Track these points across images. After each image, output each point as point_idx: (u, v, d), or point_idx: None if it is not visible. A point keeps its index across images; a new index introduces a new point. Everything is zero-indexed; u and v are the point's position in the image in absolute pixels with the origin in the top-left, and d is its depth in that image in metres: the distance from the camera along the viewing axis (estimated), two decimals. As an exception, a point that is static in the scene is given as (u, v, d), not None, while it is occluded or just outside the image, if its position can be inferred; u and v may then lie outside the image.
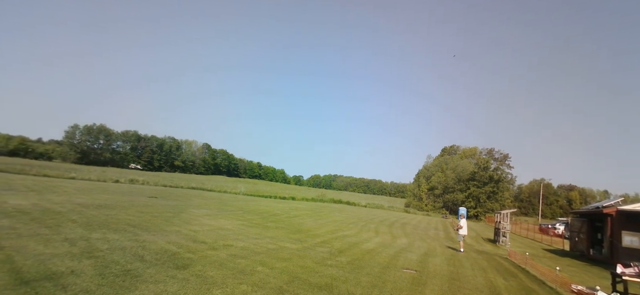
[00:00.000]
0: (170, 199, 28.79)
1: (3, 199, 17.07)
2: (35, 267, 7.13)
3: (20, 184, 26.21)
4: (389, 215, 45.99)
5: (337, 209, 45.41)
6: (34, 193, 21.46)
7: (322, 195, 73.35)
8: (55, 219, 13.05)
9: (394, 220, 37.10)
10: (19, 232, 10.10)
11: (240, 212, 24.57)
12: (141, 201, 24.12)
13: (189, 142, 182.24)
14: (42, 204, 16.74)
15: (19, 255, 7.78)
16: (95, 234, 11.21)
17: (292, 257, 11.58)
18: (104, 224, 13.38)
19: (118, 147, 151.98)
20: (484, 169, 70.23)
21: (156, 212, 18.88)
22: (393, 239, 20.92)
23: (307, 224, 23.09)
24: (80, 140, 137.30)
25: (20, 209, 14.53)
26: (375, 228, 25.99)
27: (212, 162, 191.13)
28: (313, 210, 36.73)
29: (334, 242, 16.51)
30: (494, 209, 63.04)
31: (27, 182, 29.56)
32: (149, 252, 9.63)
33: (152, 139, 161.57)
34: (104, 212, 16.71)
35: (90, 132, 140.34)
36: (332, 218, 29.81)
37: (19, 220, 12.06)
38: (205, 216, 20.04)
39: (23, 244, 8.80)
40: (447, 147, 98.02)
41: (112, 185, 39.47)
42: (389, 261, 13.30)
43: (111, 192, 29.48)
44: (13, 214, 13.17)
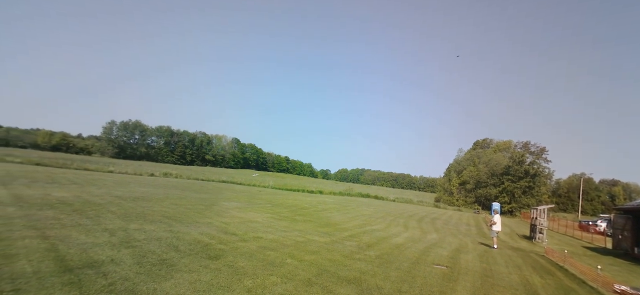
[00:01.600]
0: (202, 192, 29.60)
1: (47, 191, 18.13)
2: (78, 255, 7.52)
3: (62, 178, 27.74)
4: (418, 210, 45.24)
5: (365, 203, 45.14)
6: (76, 186, 22.65)
7: (349, 189, 73.14)
8: (96, 210, 13.73)
9: (424, 215, 36.43)
10: (63, 223, 10.69)
11: (268, 206, 24.90)
12: (175, 194, 24.94)
13: (219, 136, 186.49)
14: (84, 196, 17.65)
15: (63, 244, 8.23)
16: (133, 225, 11.71)
17: (321, 250, 11.61)
18: (140, 215, 13.94)
19: (152, 142, 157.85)
20: (519, 163, 67.45)
21: (189, 205, 19.47)
22: (423, 234, 20.54)
23: (335, 217, 23.09)
24: (117, 136, 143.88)
25: (63, 200, 15.38)
26: (404, 223, 25.61)
27: (241, 156, 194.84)
28: (341, 204, 36.69)
29: (362, 236, 16.41)
30: (529, 205, 60.59)
31: (69, 175, 31.25)
32: (183, 243, 9.94)
33: (184, 134, 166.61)
34: (141, 204, 17.41)
35: (126, 128, 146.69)
36: (360, 212, 29.66)
37: (63, 211, 12.77)
38: (236, 209, 20.46)
39: (67, 234, 9.30)
40: (480, 141, 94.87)
41: (148, 179, 41.06)
42: (419, 256, 13.07)
43: (147, 185, 30.66)
44: (57, 205, 13.95)
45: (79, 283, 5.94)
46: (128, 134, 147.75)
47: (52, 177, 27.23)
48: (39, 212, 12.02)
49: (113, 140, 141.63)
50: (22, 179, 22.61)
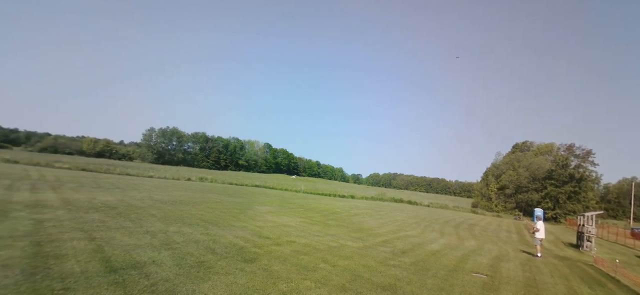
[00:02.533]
0: (236, 196, 30.24)
1: (93, 195, 19.17)
2: (121, 256, 7.86)
3: (106, 182, 29.27)
4: (454, 215, 43.86)
5: (398, 208, 44.37)
6: (119, 190, 23.81)
7: (382, 194, 72.26)
8: (138, 214, 14.34)
9: (461, 220, 35.25)
10: (108, 225, 11.24)
11: (301, 210, 25.03)
12: (210, 198, 25.63)
13: (252, 142, 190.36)
14: (126, 200, 18.50)
15: (108, 246, 8.63)
16: (172, 228, 12.12)
17: (354, 255, 11.48)
18: (179, 218, 14.41)
19: (189, 147, 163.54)
20: (563, 166, 63.75)
21: (224, 209, 19.93)
22: (460, 241, 19.86)
23: (367, 222, 22.83)
24: (156, 142, 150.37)
25: (107, 204, 16.19)
26: (440, 229, 24.89)
27: (273, 161, 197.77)
28: (373, 209, 36.27)
29: (396, 242, 16.09)
30: (575, 211, 57.05)
31: (112, 180, 32.94)
32: (219, 246, 10.16)
33: (218, 139, 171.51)
34: (179, 207, 18.02)
35: (164, 135, 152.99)
36: (393, 217, 29.16)
37: (107, 214, 13.44)
38: (269, 213, 20.71)
39: (111, 236, 9.76)
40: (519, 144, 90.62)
41: (185, 183, 42.51)
42: (457, 264, 12.62)
43: (184, 189, 31.74)
44: (102, 209, 14.71)
45: (123, 283, 6.19)
46: (166, 140, 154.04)
47: (97, 182, 28.79)
48: (85, 215, 12.72)
49: (152, 146, 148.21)
50: (70, 184, 24.04)
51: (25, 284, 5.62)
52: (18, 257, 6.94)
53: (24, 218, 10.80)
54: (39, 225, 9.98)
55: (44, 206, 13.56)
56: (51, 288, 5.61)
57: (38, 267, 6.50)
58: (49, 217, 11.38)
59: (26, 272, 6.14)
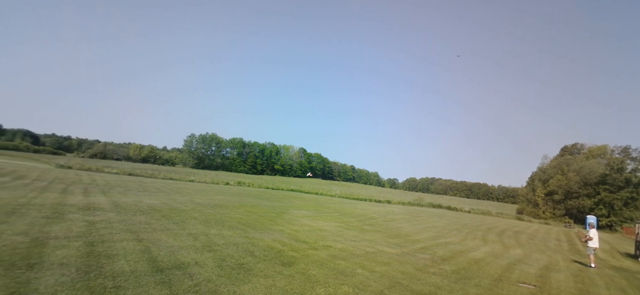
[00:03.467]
0: (273, 200, 30.69)
1: (140, 198, 20.17)
2: (167, 257, 8.19)
3: (151, 186, 30.71)
4: (498, 222, 41.93)
5: (437, 213, 43.11)
6: (163, 194, 24.90)
7: (419, 199, 70.58)
8: (181, 216, 14.91)
9: (505, 227, 33.63)
10: (154, 227, 11.76)
11: (336, 214, 24.95)
12: (248, 201, 26.19)
13: (287, 147, 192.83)
14: (170, 204, 19.30)
15: (154, 247, 9.02)
16: (213, 230, 12.49)
17: (392, 261, 11.26)
18: (219, 221, 14.83)
19: (227, 153, 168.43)
20: (618, 170, 59.16)
21: (262, 212, 20.28)
22: (505, 249, 18.92)
23: (405, 228, 22.35)
24: (196, 148, 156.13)
25: (153, 207, 16.97)
26: (483, 236, 23.86)
27: (308, 166, 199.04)
28: (410, 214, 35.48)
29: (436, 248, 15.60)
30: (633, 218, 52.80)
31: (156, 184, 34.52)
32: (258, 249, 10.32)
33: (254, 145, 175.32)
34: (219, 210, 18.56)
35: (204, 141, 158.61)
36: (432, 223, 28.35)
37: (153, 216, 14.07)
38: (305, 217, 20.82)
39: (157, 237, 10.19)
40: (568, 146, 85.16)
41: (224, 187, 43.76)
42: (502, 273, 12.02)
43: (223, 193, 32.66)
44: (148, 211, 15.43)
45: (169, 282, 6.44)
46: (206, 146, 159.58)
47: (143, 186, 30.29)
48: (133, 217, 13.39)
49: (193, 152, 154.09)
50: (118, 188, 25.44)
51: (80, 282, 5.98)
52: (73, 256, 7.41)
53: (78, 220, 11.54)
54: (92, 227, 10.62)
55: (96, 209, 14.43)
56: (104, 286, 5.93)
57: (91, 266, 6.90)
58: (100, 219, 12.09)
59: (81, 271, 6.53)
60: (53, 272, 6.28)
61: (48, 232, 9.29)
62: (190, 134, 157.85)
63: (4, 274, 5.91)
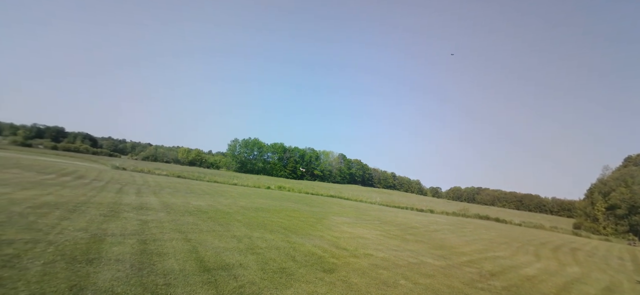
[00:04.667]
0: (313, 206, 30.81)
1: (187, 200, 21.02)
2: (213, 257, 8.42)
3: (198, 188, 31.96)
4: (552, 236, 39.18)
5: (484, 225, 41.11)
6: (209, 196, 25.81)
7: (464, 209, 67.73)
8: (225, 218, 15.34)
9: (560, 243, 31.32)
10: (200, 228, 12.17)
11: (377, 222, 24.52)
12: (289, 206, 26.47)
13: (327, 152, 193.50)
14: (215, 206, 19.95)
15: (201, 247, 9.31)
16: (256, 233, 12.71)
17: (436, 274, 10.82)
18: (261, 225, 15.08)
19: (268, 157, 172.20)
20: (692, 183, 53.47)
21: (302, 217, 20.39)
22: (560, 266, 17.59)
23: (449, 239, 21.48)
24: (239, 152, 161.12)
25: (199, 209, 17.59)
26: (535, 251, 22.36)
27: (348, 172, 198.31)
28: (455, 225, 34.10)
29: (484, 262, 14.82)
30: None
31: (202, 187, 35.87)
32: (299, 254, 10.34)
33: (295, 150, 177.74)
34: (261, 214, 18.90)
35: (247, 145, 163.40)
36: (479, 235, 27.04)
37: (200, 218, 14.58)
38: (345, 224, 20.65)
39: (204, 238, 10.53)
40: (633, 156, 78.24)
41: (265, 191, 44.63)
42: (557, 292, 11.18)
43: (265, 197, 33.30)
44: (195, 212, 16.02)
45: (215, 283, 6.60)
46: (248, 150, 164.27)
47: (190, 188, 31.61)
48: (181, 217, 13.95)
49: (236, 156, 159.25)
50: (168, 189, 26.72)
51: (134, 278, 6.28)
52: (128, 253, 7.82)
53: (132, 218, 12.21)
54: (144, 226, 11.19)
55: (148, 208, 15.22)
56: (155, 283, 6.18)
57: (144, 263, 7.23)
58: (152, 218, 12.71)
59: (135, 267, 6.87)
60: (110, 268, 6.65)
61: (105, 229, 9.89)
62: (234, 139, 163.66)
63: (66, 268, 6.33)
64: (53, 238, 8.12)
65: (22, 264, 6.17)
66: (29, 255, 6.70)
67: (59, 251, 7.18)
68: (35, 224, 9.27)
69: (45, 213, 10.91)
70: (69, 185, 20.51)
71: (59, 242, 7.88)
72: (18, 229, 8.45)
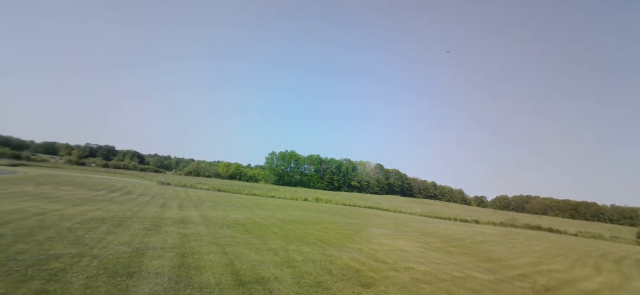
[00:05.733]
0: (350, 218, 30.35)
1: (226, 213, 21.39)
2: (249, 271, 8.35)
3: (237, 202, 32.57)
4: (613, 247, 35.96)
5: (535, 236, 38.55)
6: (247, 209, 26.17)
7: (512, 219, 64.04)
8: (262, 231, 15.38)
9: (623, 254, 28.62)
10: (237, 241, 12.24)
11: (417, 234, 23.65)
12: (326, 218, 26.24)
13: (363, 163, 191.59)
14: (253, 218, 20.13)
15: (238, 260, 9.30)
16: (292, 246, 12.58)
17: (484, 289, 10.12)
18: (297, 237, 14.95)
19: (305, 169, 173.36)
20: None
21: (339, 229, 20.07)
22: (624, 280, 15.97)
23: (497, 251, 20.24)
24: (277, 165, 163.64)
25: (237, 221, 17.81)
26: (595, 263, 20.51)
27: (386, 182, 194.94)
28: (503, 236, 32.21)
29: (536, 276, 13.75)
30: None
31: (241, 200, 36.54)
32: (336, 267, 10.06)
33: (331, 161, 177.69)
34: (297, 226, 18.80)
35: (284, 158, 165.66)
36: (530, 247, 25.31)
37: (237, 230, 14.71)
38: (383, 236, 20.07)
39: (240, 251, 10.54)
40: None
41: (302, 203, 44.71)
42: (624, 309, 10.06)
43: (302, 209, 33.29)
44: (233, 225, 16.21)
45: (250, 298, 6.49)
46: (285, 163, 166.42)
47: (229, 201, 32.29)
48: (220, 230, 14.14)
49: (274, 169, 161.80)
50: (208, 203, 27.40)
51: (171, 292, 6.31)
52: (167, 266, 7.93)
53: (172, 232, 12.52)
54: (184, 239, 11.41)
55: (188, 222, 15.59)
56: (191, 297, 6.17)
57: (181, 276, 7.28)
58: (192, 232, 12.97)
59: (172, 281, 6.92)
60: (148, 281, 6.74)
61: (147, 243, 10.17)
62: (271, 152, 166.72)
63: (108, 281, 6.49)
64: (97, 252, 8.43)
65: (66, 278, 6.40)
66: (74, 269, 6.95)
67: (102, 265, 7.41)
68: (82, 238, 9.70)
69: (93, 228, 11.43)
70: (116, 200, 21.55)
71: (103, 256, 8.15)
72: (66, 244, 8.86)
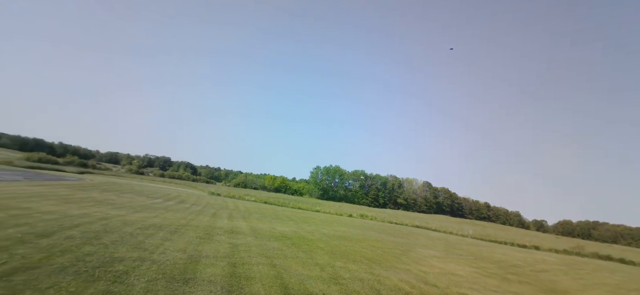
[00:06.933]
0: (397, 236, 29.53)
1: (273, 225, 21.74)
2: (297, 285, 8.35)
3: (283, 214, 33.02)
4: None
5: (606, 266, 34.93)
6: (293, 222, 26.42)
7: (578, 246, 58.65)
8: (308, 245, 15.40)
9: None
10: (285, 254, 12.34)
11: (470, 258, 22.40)
12: (372, 235, 25.75)
13: (410, 180, 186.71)
14: (299, 232, 20.26)
15: (286, 273, 9.35)
16: (339, 262, 12.44)
17: (548, 321, 9.28)
18: (344, 254, 14.78)
19: (349, 185, 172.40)
20: None
21: (386, 248, 19.57)
22: None
23: (562, 282, 18.58)
24: (321, 179, 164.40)
25: (284, 234, 18.00)
26: (676, 302, 18.19)
27: (434, 201, 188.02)
28: (568, 265, 29.55)
29: (608, 312, 12.40)
30: None
31: (287, 213, 37.00)
32: (384, 288, 9.77)
33: (376, 177, 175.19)
34: (343, 243, 18.62)
35: (328, 173, 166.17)
36: (600, 278, 22.96)
37: (284, 243, 14.86)
38: (433, 258, 19.24)
39: (288, 264, 10.60)
40: None
41: (347, 219, 44.33)
42: None
43: (347, 225, 33.00)
44: (280, 238, 16.40)
45: (299, 313, 6.45)
46: (329, 177, 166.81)
47: (276, 213, 32.84)
48: (268, 242, 14.37)
49: (318, 183, 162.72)
50: (256, 214, 28.06)
51: (224, 301, 6.45)
52: (219, 275, 8.16)
53: (224, 241, 12.92)
54: (234, 249, 11.72)
55: (238, 232, 16.03)
56: (242, 308, 6.26)
57: (233, 285, 7.45)
58: (241, 242, 13.30)
59: (225, 289, 7.10)
60: (203, 289, 6.96)
61: (200, 251, 10.56)
62: (316, 166, 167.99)
63: (166, 286, 6.79)
64: (156, 257, 8.88)
65: (129, 280, 6.79)
66: (136, 272, 7.36)
67: (160, 270, 7.78)
68: (142, 243, 10.29)
69: (151, 234, 12.11)
70: (172, 209, 22.74)
71: (161, 261, 8.57)
72: (128, 248, 9.44)
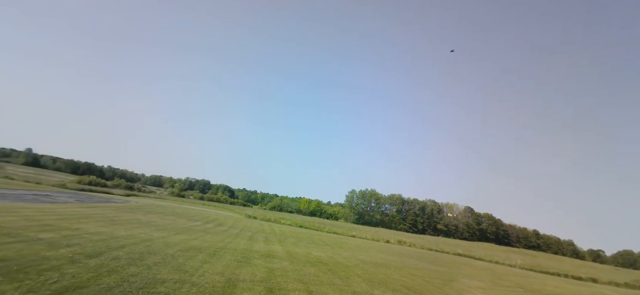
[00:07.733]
0: (438, 264, 28.27)
1: (309, 250, 21.53)
2: (334, 314, 8.09)
3: (318, 239, 32.73)
4: None
5: (670, 304, 31.45)
6: (328, 247, 26.07)
7: None
8: (345, 272, 15.03)
9: None
10: (321, 280, 12.10)
11: (520, 290, 20.90)
12: (410, 263, 24.80)
13: (450, 205, 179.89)
14: (335, 258, 19.91)
15: (323, 301, 9.11)
16: (377, 291, 11.99)
17: None
18: (382, 282, 14.27)
19: (386, 209, 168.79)
20: None
21: (426, 277, 18.72)
22: None
23: (622, 319, 16.85)
24: (357, 203, 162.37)
25: (320, 260, 17.75)
26: None
27: (477, 227, 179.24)
28: (627, 300, 26.90)
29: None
30: None
31: (322, 237, 36.65)
32: (427, 320, 9.25)
33: (414, 202, 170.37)
34: (381, 270, 18.03)
35: (364, 196, 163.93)
36: (666, 317, 20.63)
37: (320, 269, 14.61)
38: (478, 289, 18.13)
39: (324, 291, 10.36)
40: None
41: (384, 245, 43.16)
42: None
43: (384, 251, 32.08)
44: (315, 263, 16.16)
45: (338, 345, 6.20)
46: (365, 201, 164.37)
47: (311, 238, 32.63)
48: (303, 267, 14.19)
49: (354, 207, 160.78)
50: (291, 238, 28.00)
51: (261, 328, 6.34)
52: (256, 300, 8.09)
53: (260, 265, 12.91)
54: (271, 273, 11.66)
55: (274, 256, 16.00)
56: (280, 336, 6.12)
57: (270, 312, 7.34)
58: (277, 267, 13.23)
59: (262, 316, 6.99)
60: (240, 314, 6.91)
61: (238, 274, 10.60)
62: (351, 190, 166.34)
63: (205, 310, 6.81)
64: (196, 280, 8.99)
65: (170, 303, 6.89)
66: (176, 294, 7.47)
67: (200, 292, 7.86)
68: (183, 265, 10.50)
69: (192, 256, 12.35)
70: (211, 231, 23.21)
71: (201, 283, 8.66)
72: (170, 270, 9.65)
